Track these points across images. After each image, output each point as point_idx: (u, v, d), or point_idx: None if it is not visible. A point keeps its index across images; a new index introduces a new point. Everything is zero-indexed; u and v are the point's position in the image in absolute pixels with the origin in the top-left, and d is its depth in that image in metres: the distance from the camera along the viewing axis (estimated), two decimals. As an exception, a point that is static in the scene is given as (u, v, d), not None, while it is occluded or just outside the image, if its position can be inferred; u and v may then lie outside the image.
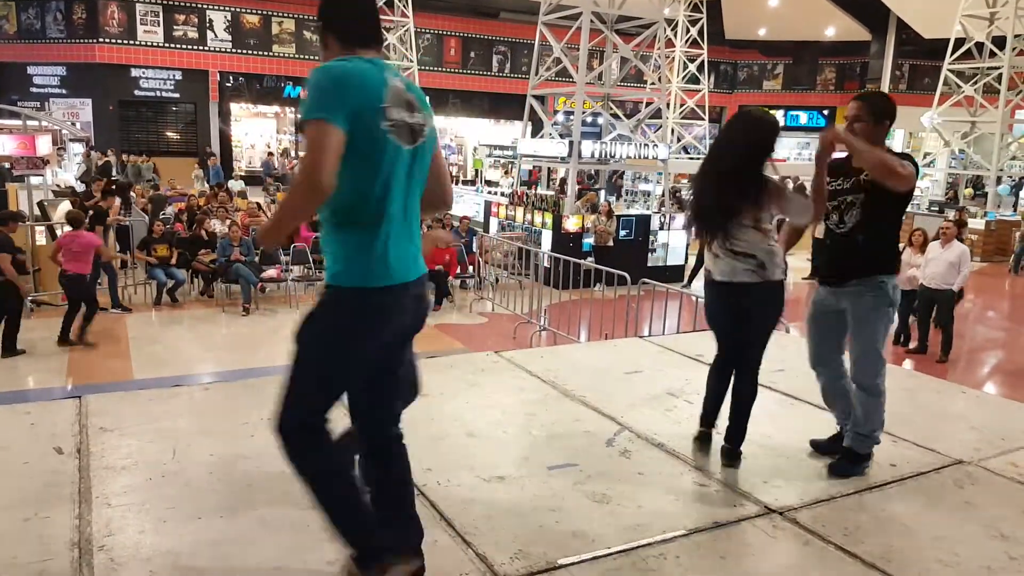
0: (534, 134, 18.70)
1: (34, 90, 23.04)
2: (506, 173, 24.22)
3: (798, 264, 14.77)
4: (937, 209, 19.71)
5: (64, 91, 23.18)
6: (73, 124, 21.45)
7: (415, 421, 3.80)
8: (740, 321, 3.38)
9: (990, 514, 3.17)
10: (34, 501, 2.92)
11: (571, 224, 13.47)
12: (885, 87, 28.10)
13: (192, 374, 7.95)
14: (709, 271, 3.47)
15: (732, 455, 3.47)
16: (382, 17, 21.40)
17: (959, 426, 4.19)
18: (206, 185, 19.21)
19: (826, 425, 4.05)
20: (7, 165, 12.33)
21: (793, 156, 30.10)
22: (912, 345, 9.48)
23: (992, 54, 19.88)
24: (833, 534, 2.94)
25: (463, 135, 29.98)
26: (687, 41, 25.52)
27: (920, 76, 29.76)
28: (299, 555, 2.65)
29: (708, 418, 3.61)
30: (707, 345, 5.41)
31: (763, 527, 3.00)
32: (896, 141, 30.27)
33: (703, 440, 3.62)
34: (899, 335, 9.69)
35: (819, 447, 3.68)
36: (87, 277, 8.62)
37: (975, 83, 20.54)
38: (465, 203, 18.99)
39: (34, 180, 11.96)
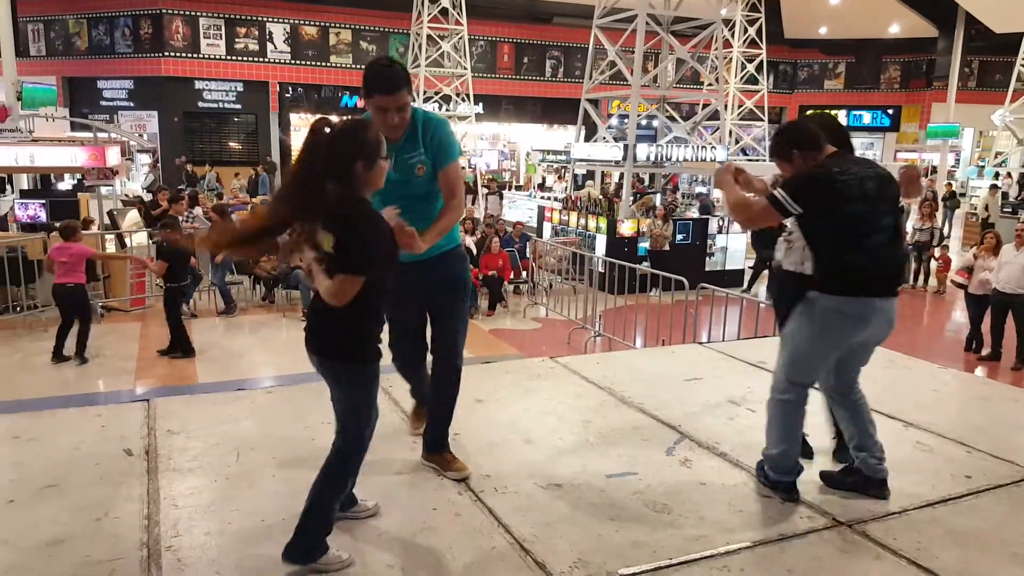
0: (588, 138, 18.60)
1: (104, 103, 23.94)
2: (560, 178, 24.18)
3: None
4: (1009, 211, 18.95)
5: (132, 104, 24.03)
6: (140, 135, 22.19)
7: (472, 427, 3.82)
8: None
9: (1075, 530, 3.01)
10: (105, 502, 3.01)
11: (626, 228, 13.36)
12: (953, 85, 27.20)
13: (255, 378, 8.12)
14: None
15: None
16: (436, 25, 21.69)
17: (1039, 437, 4.00)
18: (244, 193, 19.68)
19: (898, 436, 3.92)
20: (79, 176, 12.82)
21: (856, 157, 29.28)
22: (985, 351, 9.13)
23: (1069, 48, 19.09)
24: (906, 548, 2.83)
25: (516, 140, 30.05)
26: (745, 41, 25.11)
27: (991, 72, 28.72)
28: (360, 558, 2.67)
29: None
30: (769, 352, 5.30)
31: (831, 540, 2.90)
32: (965, 140, 29.32)
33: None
34: (971, 341, 9.36)
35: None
36: (80, 288, 8.36)
37: (1051, 79, 19.76)
38: (518, 208, 19.03)
39: (103, 190, 12.40)
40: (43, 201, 12.01)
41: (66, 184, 16.48)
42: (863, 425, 3.20)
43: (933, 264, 13.24)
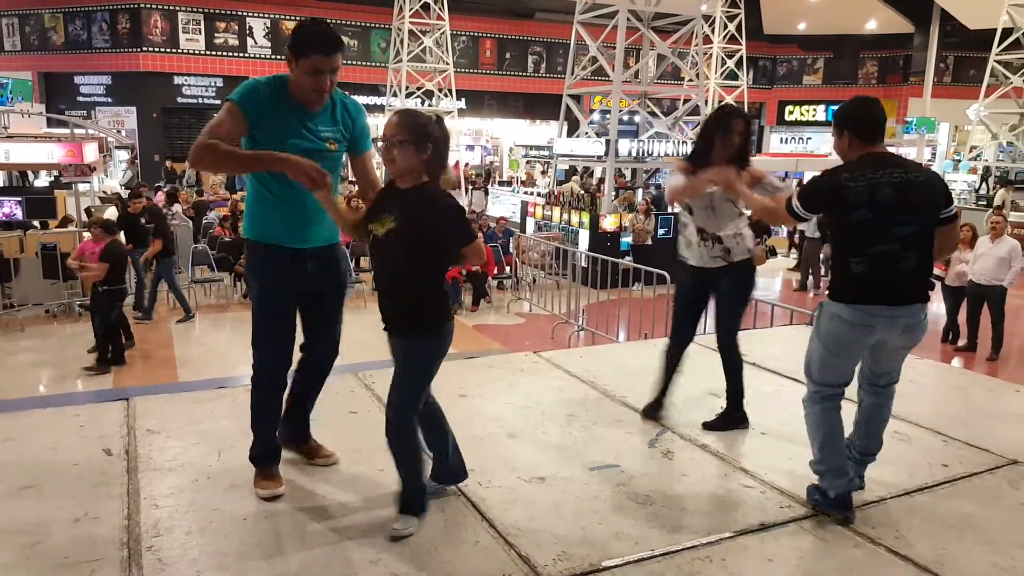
0: (570, 133, 18.62)
1: (81, 99, 23.65)
2: (543, 173, 24.20)
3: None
4: (985, 204, 19.22)
5: (110, 99, 23.75)
6: (118, 132, 21.96)
7: (456, 421, 3.80)
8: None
9: (1049, 517, 3.06)
10: (84, 502, 2.98)
11: (608, 223, 13.39)
12: (929, 80, 27.50)
13: (235, 376, 8.06)
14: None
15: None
16: (418, 20, 21.55)
17: (1013, 425, 4.06)
18: (223, 189, 19.50)
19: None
20: (56, 172, 12.67)
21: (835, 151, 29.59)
22: (961, 342, 9.25)
23: (1042, 44, 19.37)
24: (884, 537, 2.87)
25: (499, 136, 30.04)
26: (725, 37, 25.24)
27: (966, 68, 29.05)
28: (343, 554, 2.66)
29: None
30: (749, 346, 5.33)
31: (811, 529, 2.93)
32: (941, 135, 29.65)
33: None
34: (948, 332, 9.48)
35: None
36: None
37: (1024, 74, 20.04)
38: (501, 203, 19.03)
39: (81, 187, 12.26)
40: (19, 198, 11.85)
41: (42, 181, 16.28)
42: (869, 427, 3.15)
43: None
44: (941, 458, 3.57)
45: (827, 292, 3.04)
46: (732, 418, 3.88)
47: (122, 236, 9.08)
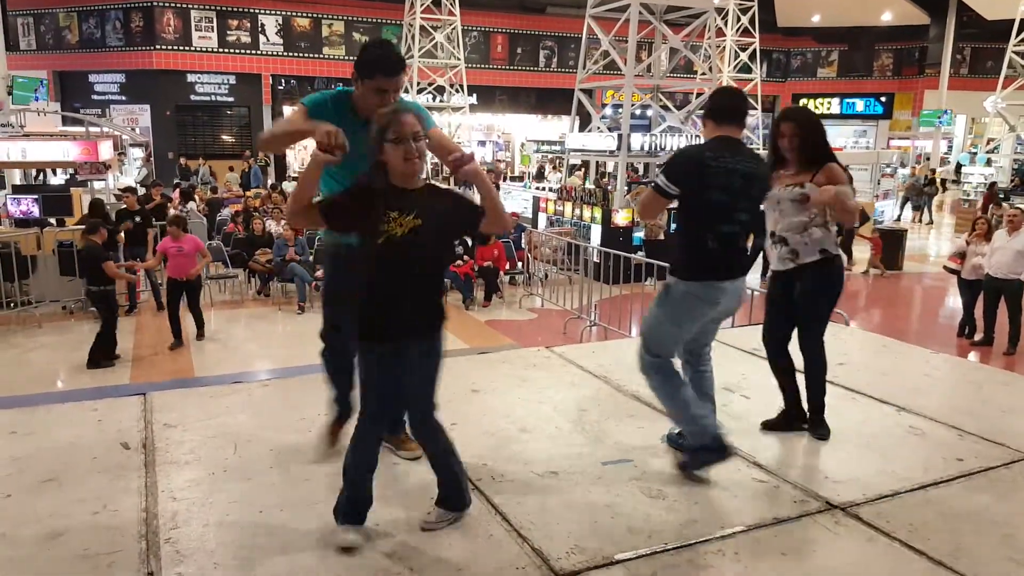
0: (582, 128, 18.58)
1: (95, 97, 23.84)
2: (554, 168, 24.17)
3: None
4: (1002, 197, 19.04)
5: (124, 97, 23.93)
6: (133, 129, 22.12)
7: (468, 416, 3.84)
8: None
9: (1065, 511, 3.04)
10: (103, 495, 3.02)
11: (621, 218, 13.37)
12: (945, 72, 27.26)
13: (250, 371, 8.14)
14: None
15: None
16: (429, 16, 21.57)
17: (1030, 420, 4.03)
18: (238, 187, 19.58)
19: (890, 419, 3.95)
20: (72, 170, 12.78)
21: (850, 144, 29.40)
22: (978, 337, 9.18)
23: (1060, 34, 19.17)
24: (898, 530, 2.86)
25: (510, 131, 30.02)
26: (738, 30, 25.10)
27: (982, 59, 28.77)
28: (359, 550, 2.68)
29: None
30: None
31: (825, 523, 2.93)
32: (958, 127, 29.40)
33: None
34: (964, 326, 9.41)
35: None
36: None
37: (1042, 65, 19.85)
38: (513, 199, 19.02)
39: (97, 184, 12.37)
40: (36, 196, 11.96)
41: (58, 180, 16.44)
42: (703, 393, 3.41)
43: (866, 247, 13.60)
44: (956, 452, 3.55)
45: (673, 271, 3.25)
46: (792, 417, 3.78)
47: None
